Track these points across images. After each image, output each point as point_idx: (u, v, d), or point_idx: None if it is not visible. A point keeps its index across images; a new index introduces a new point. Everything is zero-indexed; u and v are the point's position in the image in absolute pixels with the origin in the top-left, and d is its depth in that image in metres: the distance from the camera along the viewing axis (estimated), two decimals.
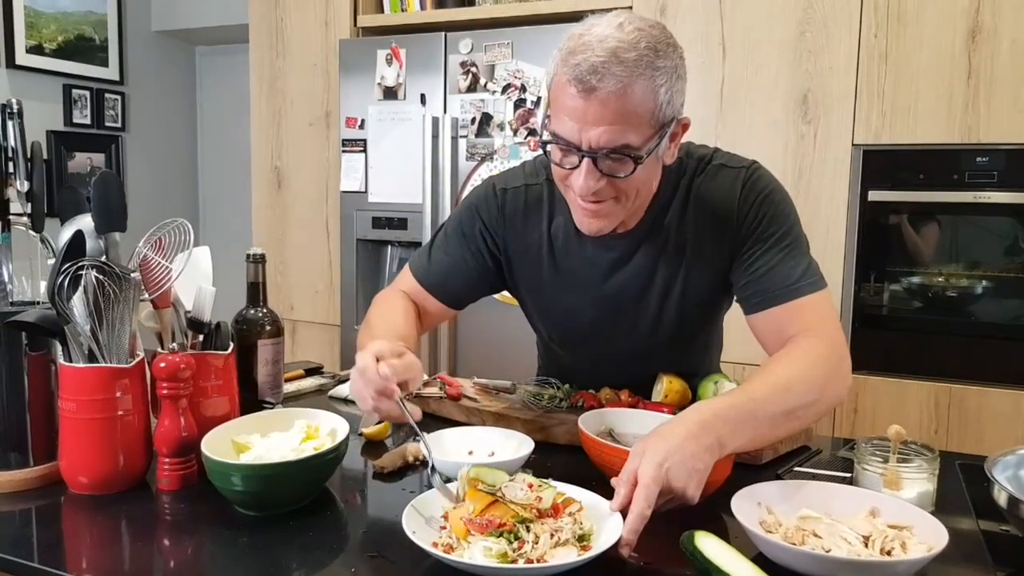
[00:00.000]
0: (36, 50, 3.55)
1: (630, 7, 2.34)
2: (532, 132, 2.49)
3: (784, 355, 1.04)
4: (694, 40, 2.31)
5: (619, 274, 1.21)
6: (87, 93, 3.79)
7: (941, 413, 2.11)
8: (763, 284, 1.11)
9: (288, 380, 1.49)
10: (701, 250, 1.16)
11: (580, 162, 1.02)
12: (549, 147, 1.06)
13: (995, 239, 2.09)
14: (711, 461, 0.87)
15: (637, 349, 1.26)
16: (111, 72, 3.89)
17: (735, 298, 1.20)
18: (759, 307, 1.11)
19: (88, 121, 3.80)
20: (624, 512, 0.82)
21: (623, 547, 0.79)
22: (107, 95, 3.88)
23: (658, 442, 0.86)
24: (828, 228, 2.20)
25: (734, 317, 1.30)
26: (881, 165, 2.15)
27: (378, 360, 0.97)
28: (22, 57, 3.48)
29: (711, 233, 1.15)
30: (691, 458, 0.85)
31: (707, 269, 1.17)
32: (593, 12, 1.06)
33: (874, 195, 2.16)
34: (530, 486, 0.83)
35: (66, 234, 0.97)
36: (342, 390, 1.45)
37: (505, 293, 1.35)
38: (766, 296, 1.10)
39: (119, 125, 3.95)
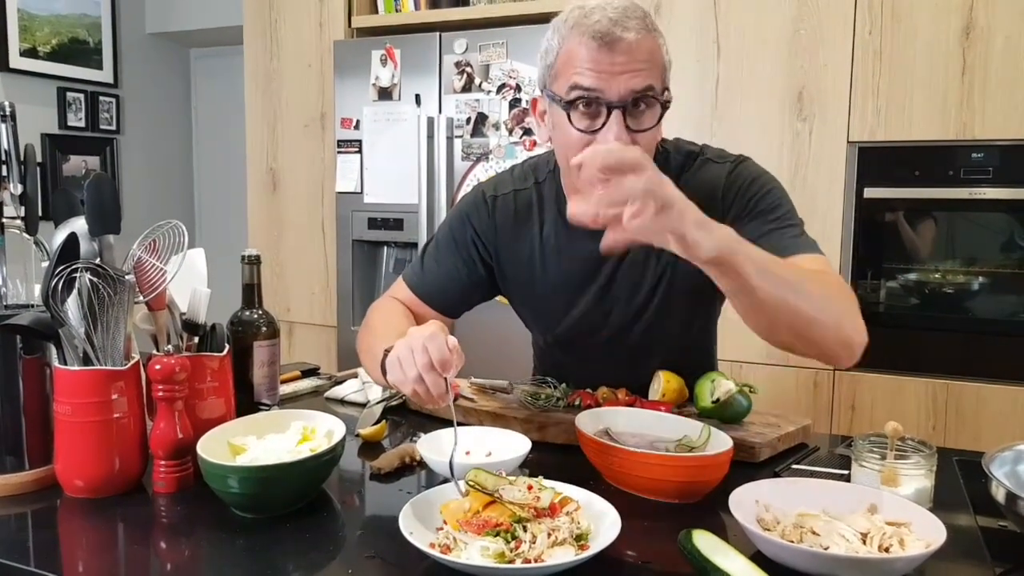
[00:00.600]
0: (30, 53, 3.54)
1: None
2: (528, 132, 2.49)
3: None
4: (688, 38, 2.31)
5: (611, 271, 1.21)
6: (81, 96, 3.78)
7: (939, 410, 2.11)
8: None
9: (285, 382, 1.48)
10: None
11: (608, 117, 1.02)
12: (571, 110, 1.04)
13: (991, 235, 2.09)
14: (719, 229, 0.84)
15: (631, 345, 1.26)
16: (105, 75, 3.88)
17: None
18: None
19: (83, 124, 3.79)
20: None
21: (603, 244, 0.81)
22: (101, 98, 3.87)
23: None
24: (824, 225, 2.20)
25: (733, 317, 1.30)
26: (876, 162, 2.16)
27: None
28: (16, 60, 3.48)
29: None
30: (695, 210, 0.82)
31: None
32: None
33: (870, 192, 2.17)
34: (529, 487, 0.83)
35: (60, 237, 0.96)
36: (339, 391, 1.44)
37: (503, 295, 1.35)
38: None
39: (114, 128, 3.94)
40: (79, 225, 0.98)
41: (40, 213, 1.08)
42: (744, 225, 1.11)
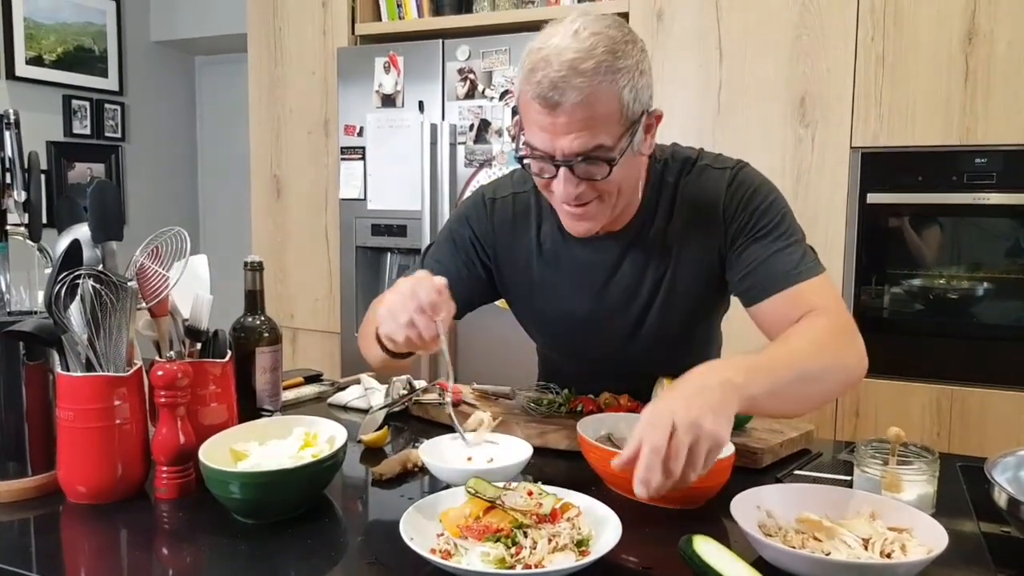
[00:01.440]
0: (36, 61, 3.56)
1: (626, 12, 2.34)
2: None
3: (792, 329, 1.03)
4: (691, 44, 2.31)
5: (609, 277, 1.21)
6: (87, 104, 3.80)
7: (943, 415, 2.10)
8: (760, 274, 1.10)
9: (288, 388, 1.48)
10: (688, 250, 1.16)
11: (557, 171, 1.03)
12: (526, 161, 1.07)
13: (995, 240, 2.08)
14: (726, 397, 0.84)
15: (631, 352, 1.26)
16: (111, 83, 3.90)
17: (733, 293, 1.19)
18: (759, 298, 1.10)
19: (88, 131, 3.81)
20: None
21: (637, 486, 0.80)
22: (107, 105, 3.89)
23: (665, 399, 0.86)
24: (827, 231, 2.20)
25: (732, 318, 1.30)
26: (879, 167, 2.15)
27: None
28: (22, 68, 3.50)
29: (698, 233, 1.15)
30: (701, 395, 0.83)
31: (695, 269, 1.17)
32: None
33: (873, 198, 2.16)
34: (529, 493, 0.83)
35: (63, 243, 0.97)
36: (342, 397, 1.45)
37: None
38: (765, 285, 1.10)
39: (119, 135, 3.96)
40: (82, 232, 0.99)
41: (45, 221, 1.09)
42: (746, 246, 1.12)
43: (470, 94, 2.57)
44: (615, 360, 1.28)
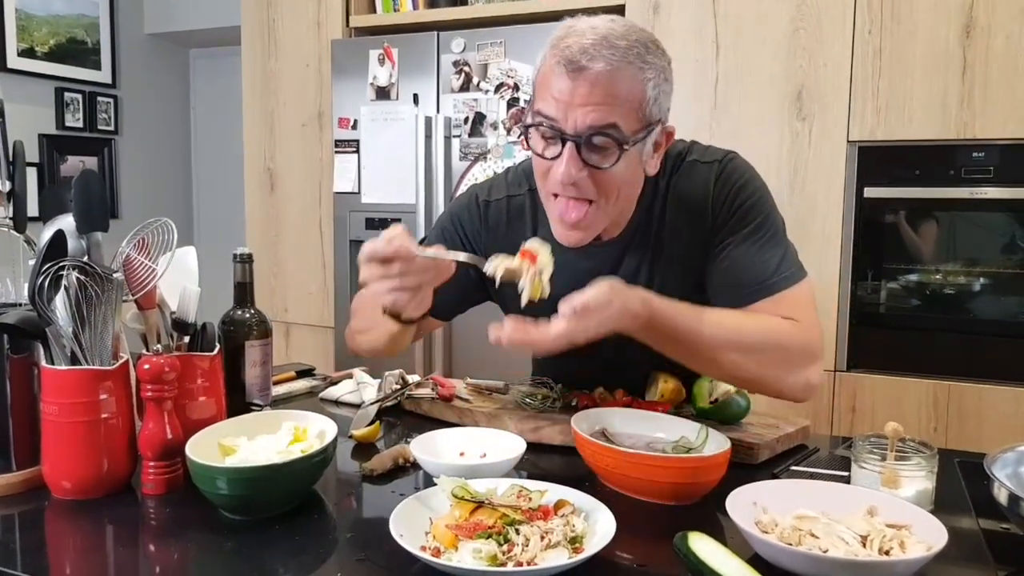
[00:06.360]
0: (28, 53, 3.53)
1: (623, 5, 2.33)
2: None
3: (754, 310, 1.06)
4: (687, 38, 2.30)
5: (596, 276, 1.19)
6: (79, 96, 3.77)
7: (940, 411, 2.09)
8: (736, 280, 1.08)
9: (279, 382, 1.47)
10: (680, 249, 1.14)
11: (563, 148, 0.99)
12: (531, 133, 1.03)
13: (992, 235, 2.07)
14: (625, 322, 0.95)
15: (626, 355, 1.24)
16: (103, 75, 3.88)
17: (708, 294, 1.15)
18: (733, 305, 1.08)
19: (80, 124, 3.78)
20: None
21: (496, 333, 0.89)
22: (100, 98, 3.86)
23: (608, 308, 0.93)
24: (824, 225, 2.19)
25: None
26: (877, 162, 2.14)
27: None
28: (13, 60, 3.47)
29: (687, 232, 1.13)
30: (623, 319, 0.94)
31: (687, 268, 1.15)
32: (585, 11, 1.05)
33: (870, 192, 2.15)
34: (519, 495, 0.82)
35: (47, 234, 0.95)
36: (333, 392, 1.43)
37: None
38: (740, 293, 1.08)
39: (112, 128, 3.94)
40: (67, 222, 0.97)
41: (36, 214, 1.07)
42: (726, 239, 1.10)
43: (465, 87, 2.55)
44: (609, 361, 1.26)
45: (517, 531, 0.76)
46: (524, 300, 0.97)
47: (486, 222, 1.24)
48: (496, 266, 0.98)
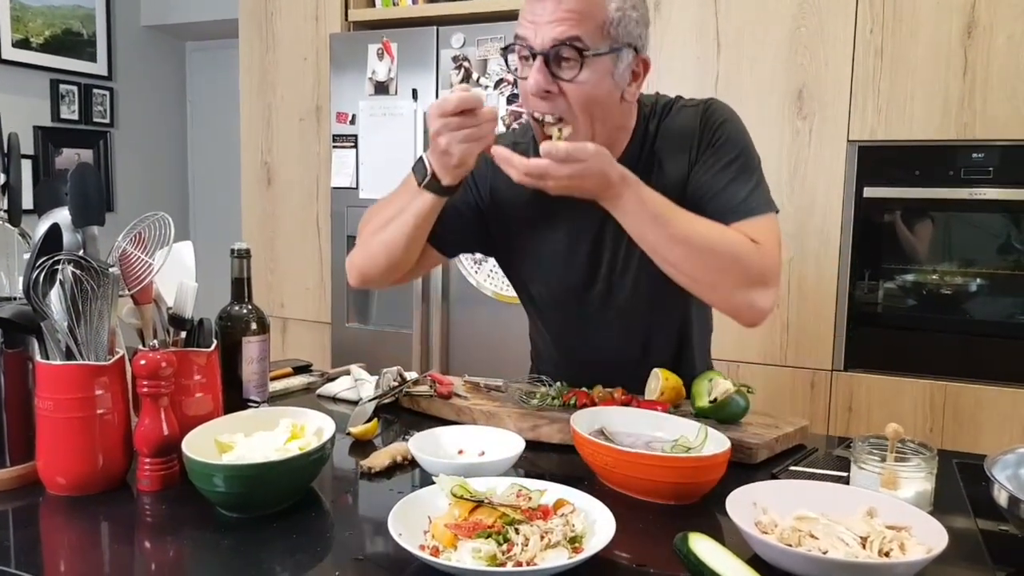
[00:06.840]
0: (23, 44, 3.51)
1: None
2: None
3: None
4: (688, 35, 2.29)
5: (598, 228, 1.23)
6: (75, 88, 3.75)
7: (936, 411, 2.09)
8: (707, 204, 1.14)
9: (276, 378, 1.46)
10: (668, 181, 1.18)
11: (533, 61, 1.09)
12: (512, 58, 1.14)
13: (990, 236, 2.07)
14: (603, 190, 1.05)
15: (621, 307, 1.27)
16: (99, 67, 3.85)
17: None
18: None
19: (76, 117, 3.76)
20: None
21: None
22: (95, 90, 3.84)
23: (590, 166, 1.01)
24: (823, 225, 2.18)
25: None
26: (876, 161, 2.14)
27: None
28: (8, 51, 3.45)
29: (674, 165, 1.20)
30: (598, 180, 1.03)
31: (675, 200, 1.16)
32: None
33: (869, 191, 2.15)
34: (518, 495, 0.81)
35: (42, 228, 0.94)
36: (331, 388, 1.42)
37: (499, 291, 1.34)
38: (709, 213, 1.13)
39: (107, 121, 3.91)
40: (62, 216, 0.96)
41: (31, 207, 1.06)
42: (703, 167, 1.17)
43: (465, 82, 2.54)
44: (605, 318, 1.28)
45: (517, 531, 0.75)
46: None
47: (491, 163, 1.24)
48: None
